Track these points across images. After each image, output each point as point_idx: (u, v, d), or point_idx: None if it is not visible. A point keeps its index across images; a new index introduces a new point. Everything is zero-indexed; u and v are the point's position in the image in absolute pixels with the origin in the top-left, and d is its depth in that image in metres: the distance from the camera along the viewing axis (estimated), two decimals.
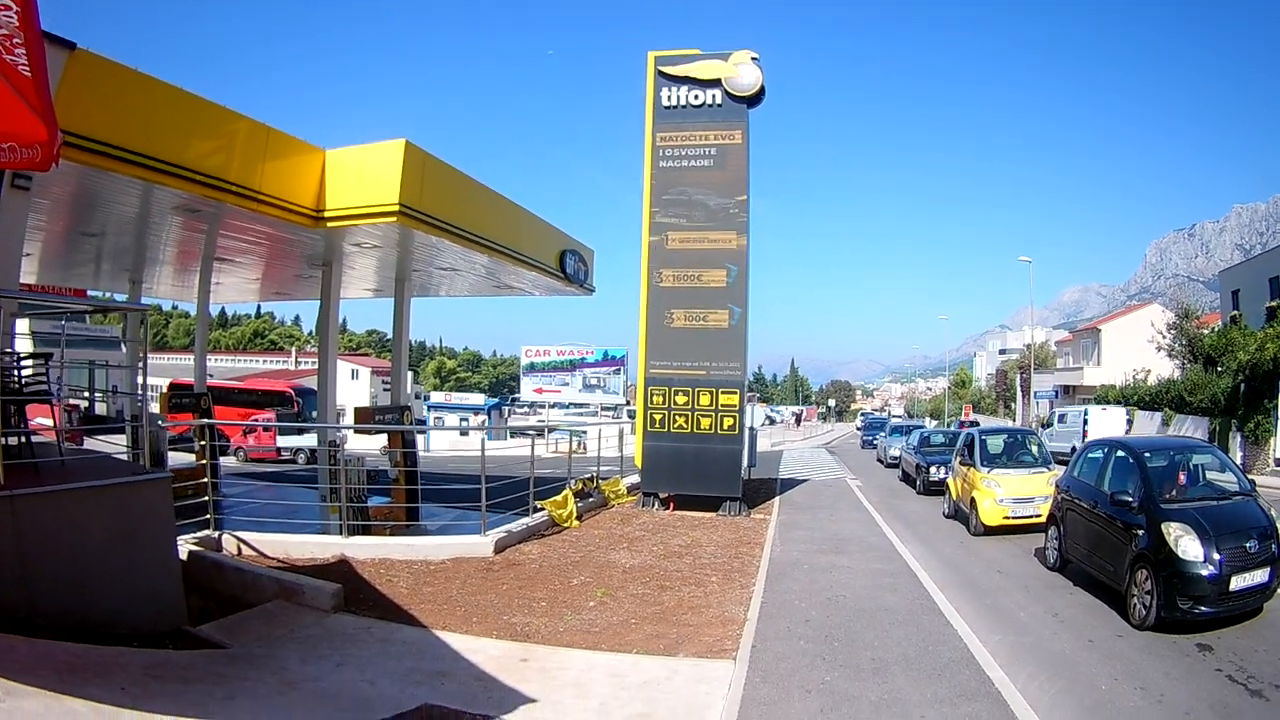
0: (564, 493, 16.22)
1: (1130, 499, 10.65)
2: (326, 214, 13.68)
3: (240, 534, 12.48)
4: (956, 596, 11.19)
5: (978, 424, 67.39)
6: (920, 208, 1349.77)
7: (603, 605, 10.27)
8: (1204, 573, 9.37)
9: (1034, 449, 18.62)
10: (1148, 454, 11.47)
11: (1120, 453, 12.01)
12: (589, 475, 19.37)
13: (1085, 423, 38.82)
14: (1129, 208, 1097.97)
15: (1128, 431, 35.41)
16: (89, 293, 42.30)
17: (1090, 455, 13.07)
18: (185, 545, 11.12)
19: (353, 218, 13.71)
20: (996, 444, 18.84)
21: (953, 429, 36.54)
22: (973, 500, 16.96)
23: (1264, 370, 29.41)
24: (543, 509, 15.42)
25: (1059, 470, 16.57)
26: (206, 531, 12.27)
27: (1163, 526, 9.85)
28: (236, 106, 12.47)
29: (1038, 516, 15.84)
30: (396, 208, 13.27)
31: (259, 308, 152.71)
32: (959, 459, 18.93)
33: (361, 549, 12.38)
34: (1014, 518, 16.31)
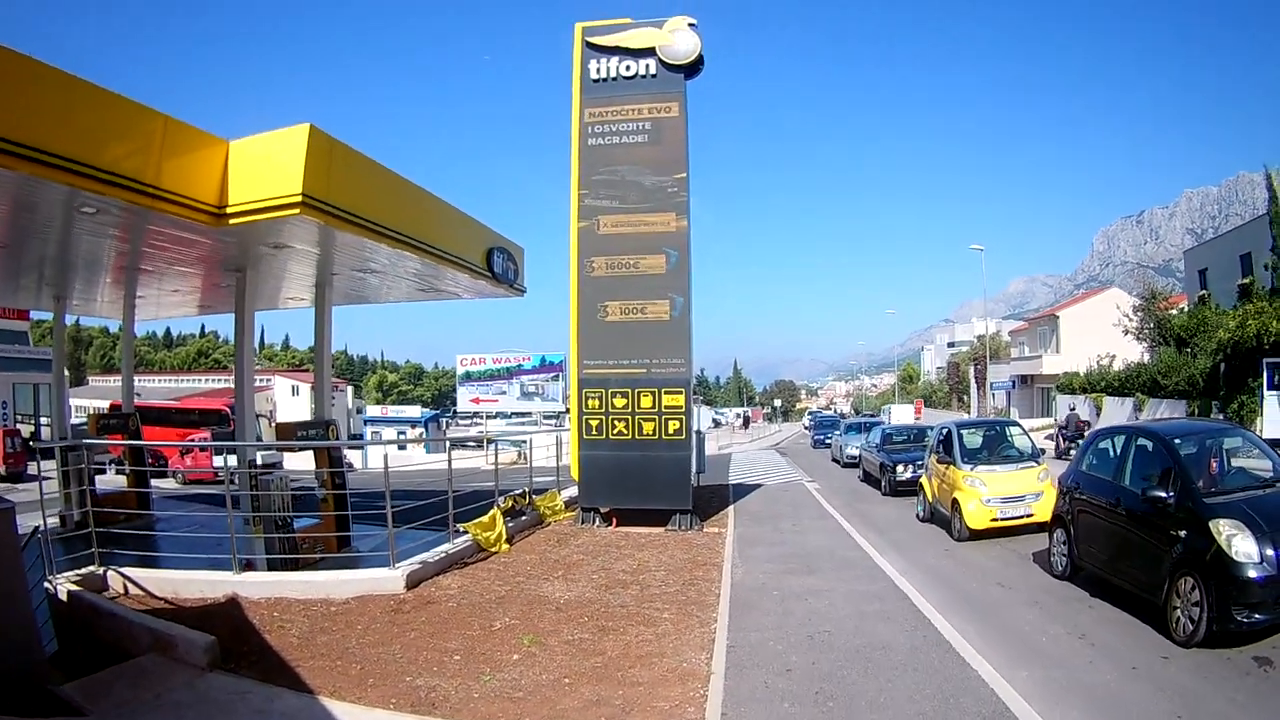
0: (491, 513, 14.16)
1: (1165, 495, 8.99)
2: (229, 209, 11.84)
3: (127, 570, 10.83)
4: (961, 621, 9.36)
5: (877, 417, 68.35)
6: (860, 202, 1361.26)
7: (530, 658, 8.17)
8: (1258, 575, 7.88)
9: (1018, 441, 16.82)
10: (1178, 440, 9.75)
11: (1143, 441, 10.37)
12: (521, 491, 17.30)
13: (889, 415, 51.28)
14: (1076, 196, 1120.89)
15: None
16: (31, 314, 42.00)
17: (1100, 445, 11.47)
18: (65, 585, 9.89)
19: (255, 212, 11.80)
20: (975, 438, 17.05)
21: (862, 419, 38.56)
22: (954, 502, 15.25)
23: (1246, 348, 28.50)
24: (466, 532, 13.42)
25: (1048, 464, 15.33)
26: (91, 568, 10.72)
27: (1210, 525, 8.31)
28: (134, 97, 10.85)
29: (1029, 516, 14.57)
30: (299, 199, 11.37)
31: (203, 327, 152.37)
32: (934, 456, 17.14)
33: (255, 587, 10.64)
34: (1002, 519, 14.70)
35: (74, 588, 9.80)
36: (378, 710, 6.92)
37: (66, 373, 22.52)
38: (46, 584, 9.23)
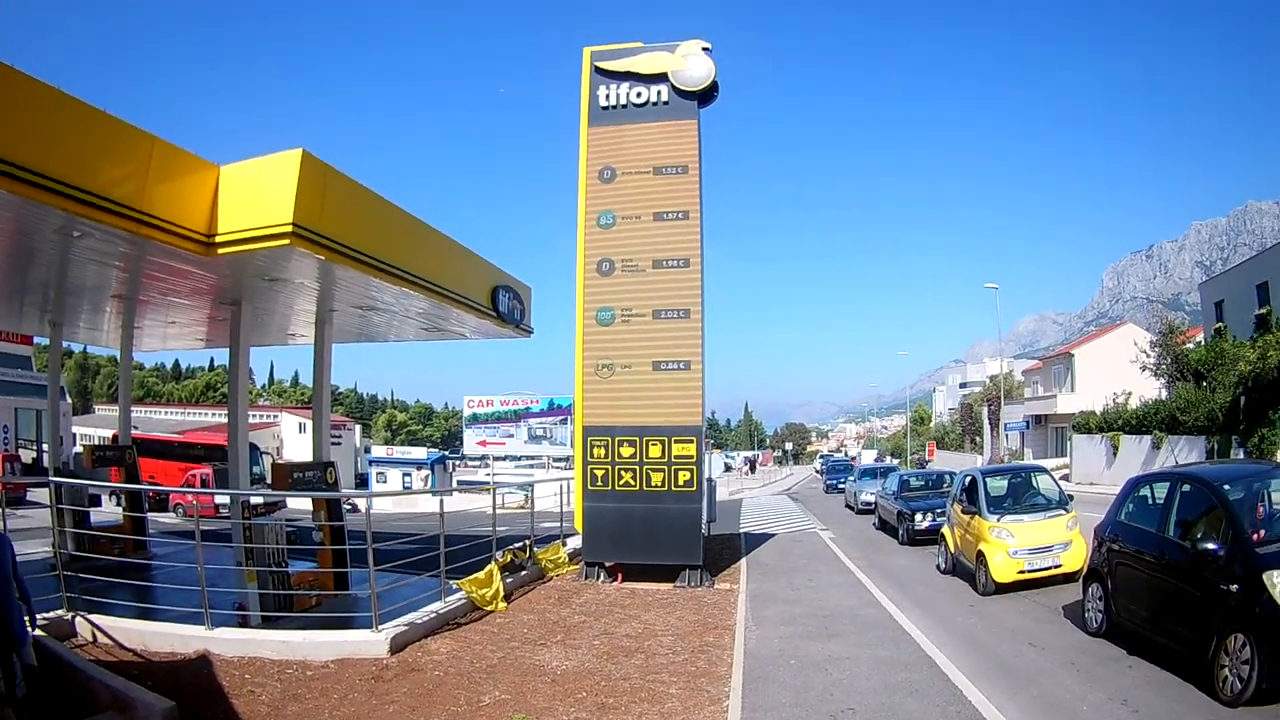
0: (488, 569, 13.33)
1: (1215, 548, 8.29)
2: (219, 239, 11.33)
3: (96, 618, 10.45)
4: (995, 691, 8.58)
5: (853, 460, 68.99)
6: (867, 246, 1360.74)
7: None
8: None
9: (1044, 488, 15.98)
10: (1227, 486, 8.98)
11: (1188, 487, 9.59)
12: (522, 544, 16.33)
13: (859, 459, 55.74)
14: (1083, 233, 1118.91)
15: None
16: (35, 339, 42.46)
17: (1141, 493, 10.73)
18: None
19: (244, 242, 11.27)
20: (1000, 485, 16.17)
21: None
22: (980, 554, 14.43)
23: (1268, 380, 28.21)
24: (460, 589, 12.62)
25: (1076, 512, 14.60)
26: (60, 612, 10.38)
27: (1264, 578, 7.63)
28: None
29: (1056, 567, 13.98)
30: (289, 228, 10.81)
31: (212, 360, 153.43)
32: (958, 506, 16.25)
33: (228, 644, 10.11)
34: (1030, 571, 13.98)
35: (38, 634, 8.91)
36: None
37: (70, 400, 22.37)
38: None
